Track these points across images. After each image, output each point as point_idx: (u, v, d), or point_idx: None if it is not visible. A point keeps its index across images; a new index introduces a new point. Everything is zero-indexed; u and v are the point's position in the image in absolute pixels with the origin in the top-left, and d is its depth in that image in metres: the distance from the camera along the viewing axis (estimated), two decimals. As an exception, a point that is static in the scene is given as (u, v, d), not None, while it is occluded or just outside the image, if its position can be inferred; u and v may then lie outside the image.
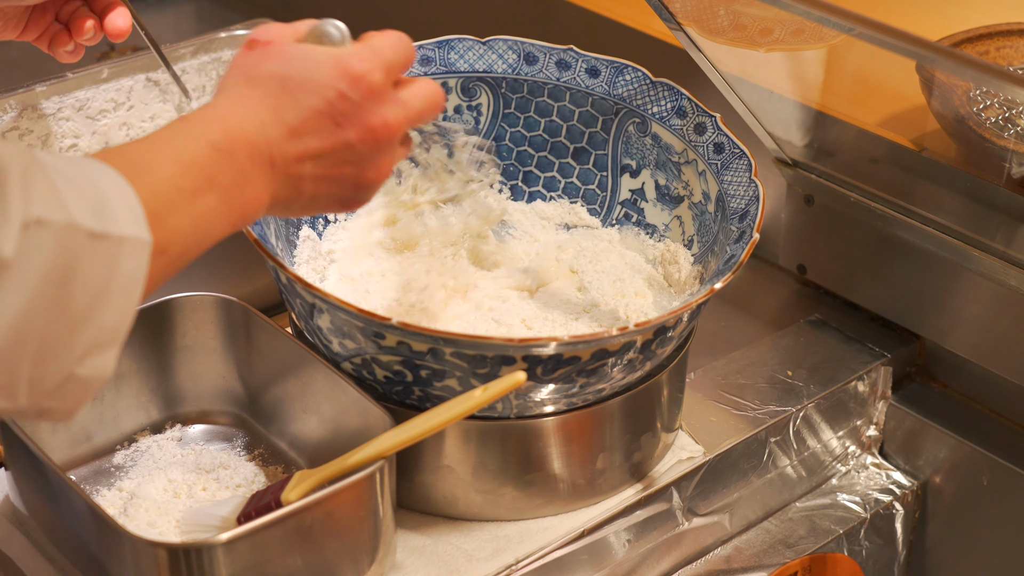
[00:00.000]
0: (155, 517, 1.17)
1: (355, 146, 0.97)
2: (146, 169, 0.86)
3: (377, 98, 0.97)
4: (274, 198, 0.95)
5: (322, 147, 0.96)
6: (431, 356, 1.10)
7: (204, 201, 0.89)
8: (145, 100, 1.55)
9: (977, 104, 1.32)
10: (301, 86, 0.95)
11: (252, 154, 0.92)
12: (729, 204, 1.23)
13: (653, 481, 1.25)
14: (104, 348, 0.83)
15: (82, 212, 0.80)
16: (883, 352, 1.41)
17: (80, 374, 0.82)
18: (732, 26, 1.30)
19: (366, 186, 1.00)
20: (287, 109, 0.94)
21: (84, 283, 0.80)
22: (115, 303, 0.82)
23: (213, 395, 1.28)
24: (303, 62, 0.96)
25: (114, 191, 0.83)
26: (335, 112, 0.95)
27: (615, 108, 1.34)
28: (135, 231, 0.83)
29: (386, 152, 0.99)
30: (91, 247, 0.80)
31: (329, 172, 0.97)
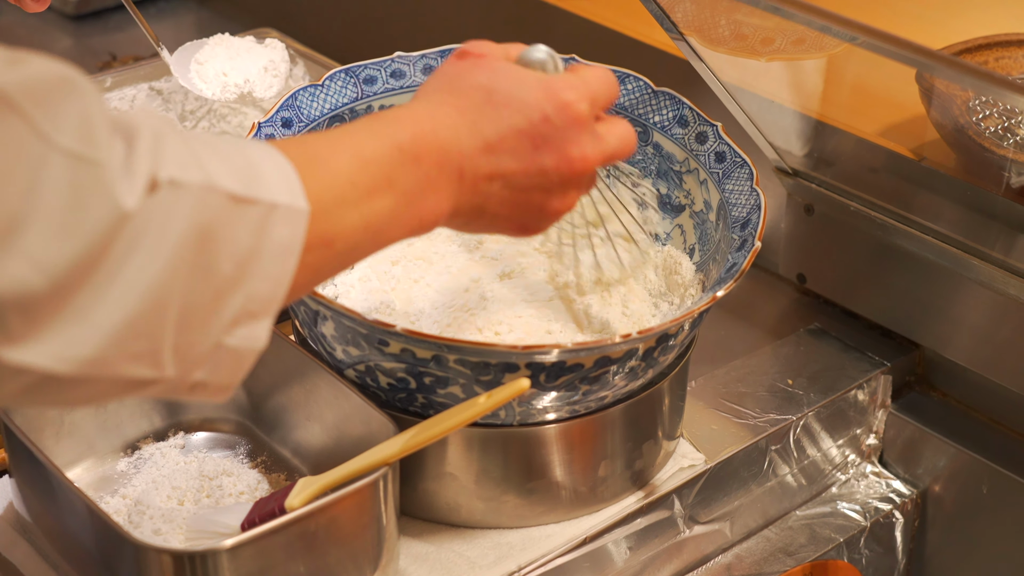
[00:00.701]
0: (160, 524, 1.17)
1: (548, 173, 0.96)
2: (320, 160, 0.85)
3: (579, 128, 0.96)
4: (456, 211, 0.93)
5: (516, 168, 0.94)
6: (434, 363, 1.11)
7: (379, 201, 0.87)
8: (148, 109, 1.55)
9: (976, 114, 1.33)
10: (507, 102, 0.94)
11: (441, 161, 0.91)
12: (731, 213, 1.23)
13: (654, 489, 1.25)
14: (256, 318, 0.80)
15: (223, 175, 0.77)
16: (883, 361, 1.42)
17: (230, 344, 0.79)
18: (733, 36, 1.31)
19: (549, 216, 0.99)
20: (487, 123, 0.93)
21: (229, 248, 0.77)
22: (266, 271, 0.79)
23: (216, 403, 1.29)
24: (513, 80, 0.95)
25: (266, 160, 0.81)
26: (536, 134, 0.94)
27: (617, 117, 1.35)
28: (288, 199, 0.80)
29: (576, 185, 0.98)
30: (234, 211, 0.77)
31: (517, 196, 0.96)
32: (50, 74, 0.71)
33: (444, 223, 0.94)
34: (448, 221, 0.95)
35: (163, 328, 0.76)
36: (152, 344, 0.76)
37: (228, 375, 0.81)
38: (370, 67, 1.34)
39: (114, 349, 0.74)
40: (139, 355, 0.76)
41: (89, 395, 0.78)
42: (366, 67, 1.34)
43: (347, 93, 1.33)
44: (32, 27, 2.07)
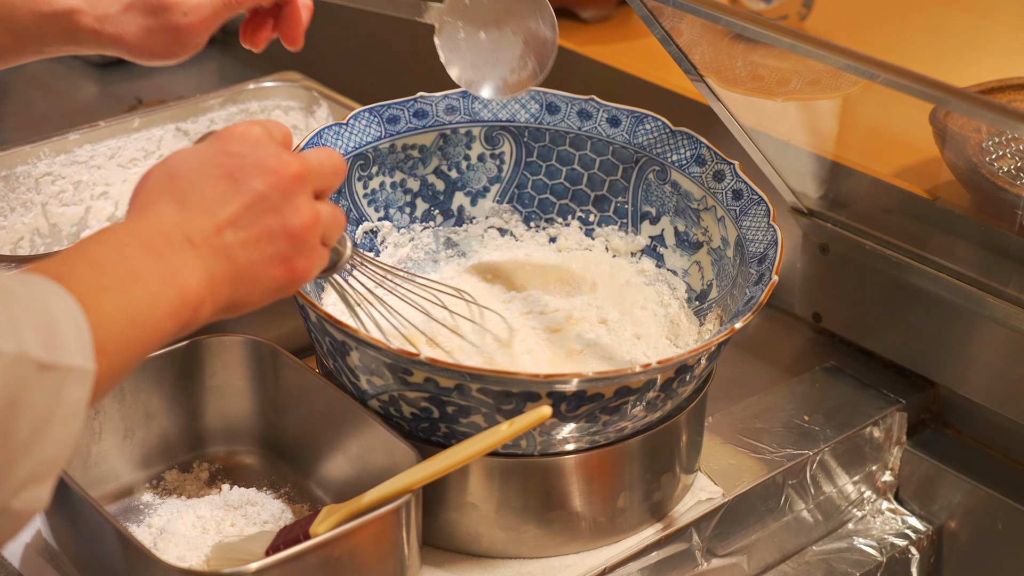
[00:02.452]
0: (185, 551, 1.19)
1: (265, 193, 0.96)
2: (64, 276, 0.85)
3: (264, 144, 0.98)
4: (211, 278, 0.93)
5: (233, 209, 0.95)
6: (457, 392, 1.13)
7: (132, 293, 0.88)
8: (175, 149, 1.58)
9: (990, 154, 1.35)
10: (189, 168, 0.96)
11: (167, 241, 0.92)
12: (748, 248, 1.25)
13: (673, 521, 1.27)
14: (41, 480, 0.81)
15: (34, 341, 0.79)
16: (898, 398, 1.44)
17: (14, 507, 0.80)
18: (750, 76, 1.34)
19: (297, 235, 0.97)
20: (184, 192, 0.94)
21: (28, 414, 0.79)
22: (56, 434, 0.81)
23: (240, 434, 1.31)
24: (185, 153, 0.98)
25: (66, 318, 0.82)
26: (230, 170, 0.95)
27: (635, 156, 1.37)
28: (81, 361, 0.81)
29: (299, 193, 0.98)
30: (38, 378, 0.79)
31: (252, 232, 0.95)
32: None
33: (210, 298, 0.94)
34: (213, 294, 0.94)
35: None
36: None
37: (6, 535, 0.82)
38: (393, 107, 1.37)
39: None
40: None
41: None
42: (389, 107, 1.37)
43: (371, 132, 1.35)
44: (59, 75, 2.11)
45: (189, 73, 2.13)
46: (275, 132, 1.00)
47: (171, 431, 1.29)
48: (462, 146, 1.40)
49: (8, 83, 2.10)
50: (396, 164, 1.38)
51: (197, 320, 0.93)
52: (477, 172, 1.41)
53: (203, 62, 2.16)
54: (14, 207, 1.49)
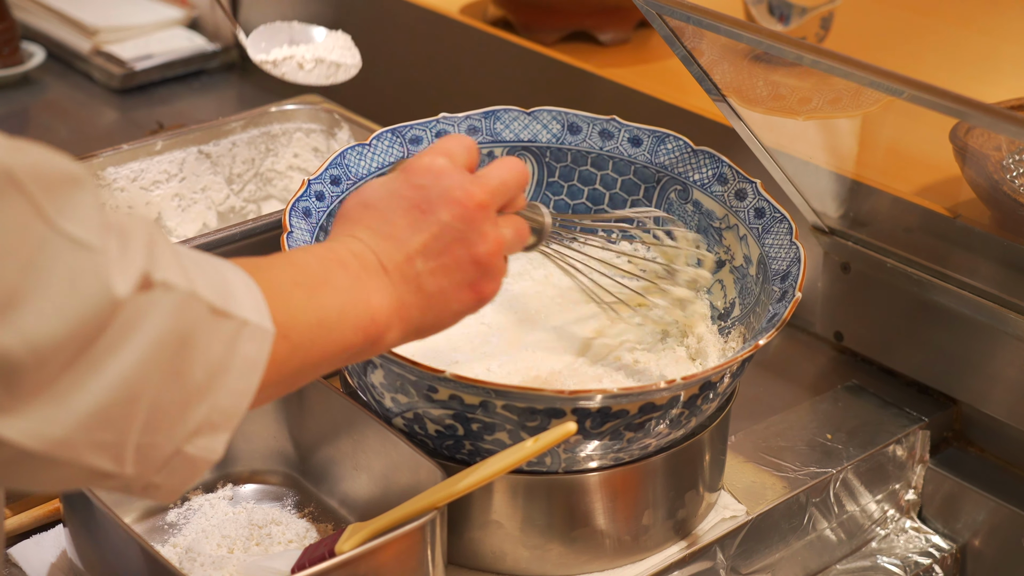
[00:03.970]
0: (210, 571, 1.19)
1: (451, 223, 0.99)
2: (262, 267, 0.89)
3: (448, 175, 1.01)
4: (402, 303, 0.97)
5: (423, 239, 0.99)
6: (482, 409, 1.13)
7: (325, 298, 0.91)
8: (197, 172, 1.59)
9: (1010, 171, 1.35)
10: (380, 199, 1.00)
11: (363, 265, 0.96)
12: (771, 266, 1.26)
13: (697, 539, 1.27)
14: (216, 430, 0.82)
15: (205, 287, 0.80)
16: (920, 416, 1.43)
17: (189, 452, 0.81)
18: (771, 96, 1.34)
19: (483, 261, 1.01)
20: (377, 222, 0.99)
21: (202, 356, 0.80)
22: (232, 384, 0.82)
23: (264, 455, 1.31)
24: (375, 184, 1.02)
25: (238, 280, 0.84)
26: (417, 203, 0.99)
27: (657, 176, 1.38)
28: (257, 318, 0.83)
29: (484, 221, 1.01)
30: (212, 321, 0.80)
31: (441, 261, 0.99)
32: (56, 163, 0.74)
33: (399, 322, 0.97)
34: (402, 319, 0.98)
35: (131, 424, 0.78)
36: (118, 437, 0.78)
37: (181, 482, 0.83)
38: (416, 127, 1.38)
39: (82, 435, 0.76)
40: (104, 446, 0.77)
41: (55, 480, 0.79)
42: (412, 127, 1.37)
43: (393, 152, 1.36)
44: (79, 101, 2.12)
45: (208, 99, 2.14)
46: (458, 155, 1.03)
47: (195, 451, 1.29)
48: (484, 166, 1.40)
49: (28, 110, 2.11)
50: (418, 185, 1.38)
51: (384, 341, 0.97)
52: (499, 192, 1.42)
53: (222, 88, 2.18)
54: (38, 230, 1.49)
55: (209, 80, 2.19)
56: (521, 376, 1.28)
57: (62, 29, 2.18)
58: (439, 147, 1.03)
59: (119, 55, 2.12)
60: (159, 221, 1.58)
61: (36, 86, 2.15)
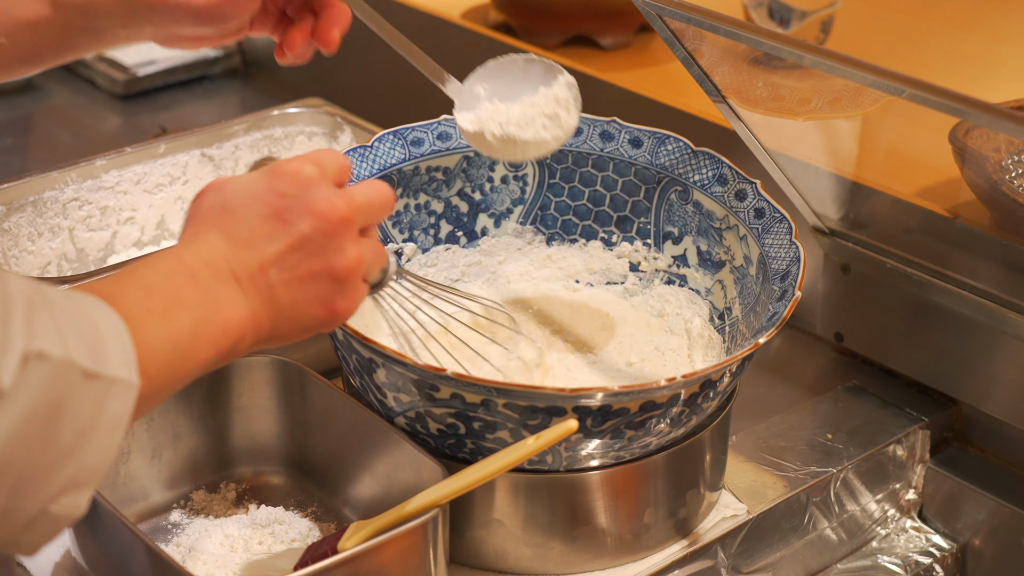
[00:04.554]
0: (213, 569, 1.19)
1: (310, 236, 0.97)
2: (113, 297, 0.87)
3: (315, 186, 0.99)
4: (253, 314, 0.95)
5: (279, 249, 0.96)
6: (483, 408, 1.14)
7: (176, 320, 0.90)
8: (200, 175, 1.60)
9: (1009, 172, 1.36)
10: (240, 202, 0.97)
11: (214, 273, 0.94)
12: (771, 266, 1.26)
13: (698, 538, 1.27)
14: (81, 487, 0.83)
15: (80, 350, 0.81)
16: (921, 416, 1.44)
17: (53, 511, 0.82)
18: (771, 96, 1.35)
19: (341, 278, 0.99)
20: (233, 226, 0.96)
21: (72, 420, 0.81)
22: (98, 442, 0.83)
23: (267, 454, 1.32)
24: (238, 184, 0.99)
25: (110, 332, 0.84)
26: (279, 211, 0.97)
27: (657, 177, 1.38)
28: (125, 373, 0.84)
29: (345, 237, 0.99)
30: (83, 385, 0.81)
31: (296, 272, 0.97)
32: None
33: (251, 333, 0.96)
34: (254, 329, 0.96)
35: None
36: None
37: (42, 539, 0.83)
38: (417, 129, 1.38)
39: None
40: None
41: None
42: (413, 129, 1.38)
43: (395, 154, 1.37)
44: (82, 107, 2.13)
45: (211, 104, 2.15)
46: (329, 167, 1.01)
47: (199, 451, 1.30)
48: (485, 168, 1.41)
49: (32, 116, 2.12)
50: (420, 186, 1.39)
51: (236, 352, 0.96)
52: (500, 194, 1.43)
53: (225, 94, 2.19)
54: (42, 232, 1.50)
55: (211, 86, 2.20)
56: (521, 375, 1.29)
57: (65, 35, 2.18)
58: (310, 156, 1.01)
59: (122, 61, 2.13)
60: (162, 224, 1.59)
61: (39, 92, 2.16)
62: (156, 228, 1.58)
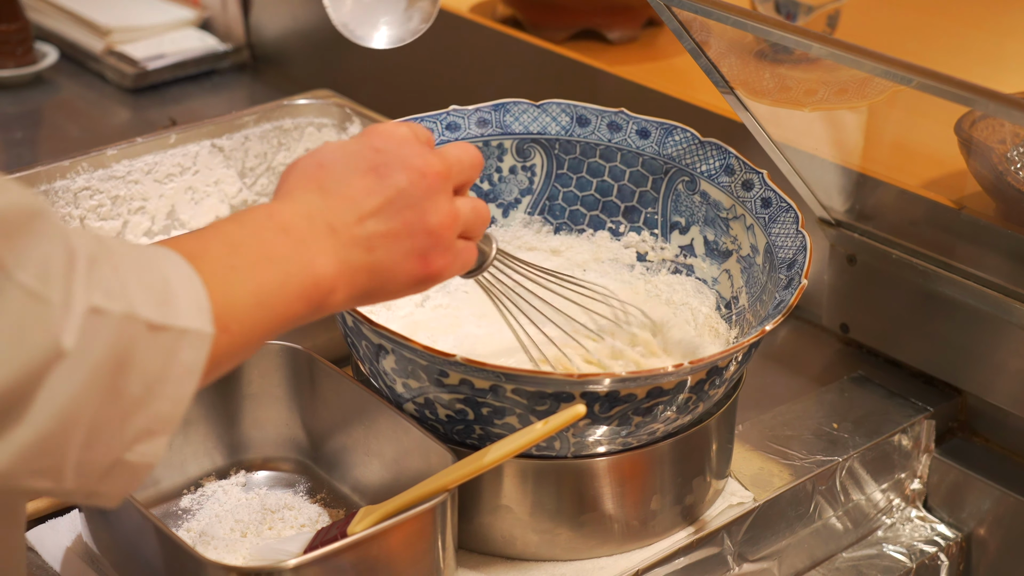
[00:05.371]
0: (224, 554, 1.20)
1: (406, 189, 0.99)
2: (195, 253, 0.88)
3: (410, 143, 1.02)
4: (348, 266, 0.96)
5: (377, 202, 0.98)
6: (492, 393, 1.14)
7: (262, 275, 0.91)
8: (210, 165, 1.61)
9: (1015, 163, 1.37)
10: (336, 159, 1.00)
11: (309, 224, 0.95)
12: (777, 255, 1.27)
13: (705, 525, 1.28)
14: (155, 435, 0.83)
15: (144, 302, 0.81)
16: (926, 406, 1.45)
17: (129, 459, 0.83)
18: (778, 87, 1.36)
19: (435, 232, 1.01)
20: (330, 182, 0.98)
21: (140, 372, 0.81)
22: (170, 392, 0.83)
23: (277, 442, 1.33)
24: (333, 146, 1.01)
25: (181, 281, 0.84)
26: (376, 166, 0.99)
27: (665, 167, 1.39)
28: (198, 323, 0.84)
29: (440, 192, 1.01)
30: (149, 338, 0.81)
31: (393, 225, 0.99)
32: (24, 208, 0.75)
33: (345, 286, 0.97)
34: (349, 283, 0.97)
35: (69, 447, 0.79)
36: (57, 461, 0.79)
37: (123, 487, 0.84)
38: (426, 120, 1.39)
39: (22, 466, 0.78)
40: (43, 471, 0.79)
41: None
42: (422, 120, 1.39)
43: (404, 144, 1.38)
44: (92, 101, 2.14)
45: (220, 98, 2.16)
46: (420, 131, 1.04)
47: (209, 438, 1.31)
48: (494, 158, 1.42)
49: (41, 110, 2.13)
50: (429, 176, 1.40)
51: (329, 304, 0.96)
52: (509, 184, 1.44)
53: (234, 88, 2.20)
54: (53, 222, 1.51)
55: (220, 80, 2.21)
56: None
57: (75, 29, 2.20)
58: (402, 120, 1.05)
59: (131, 55, 2.14)
60: (172, 214, 1.60)
61: (49, 86, 2.17)
62: (167, 218, 1.60)
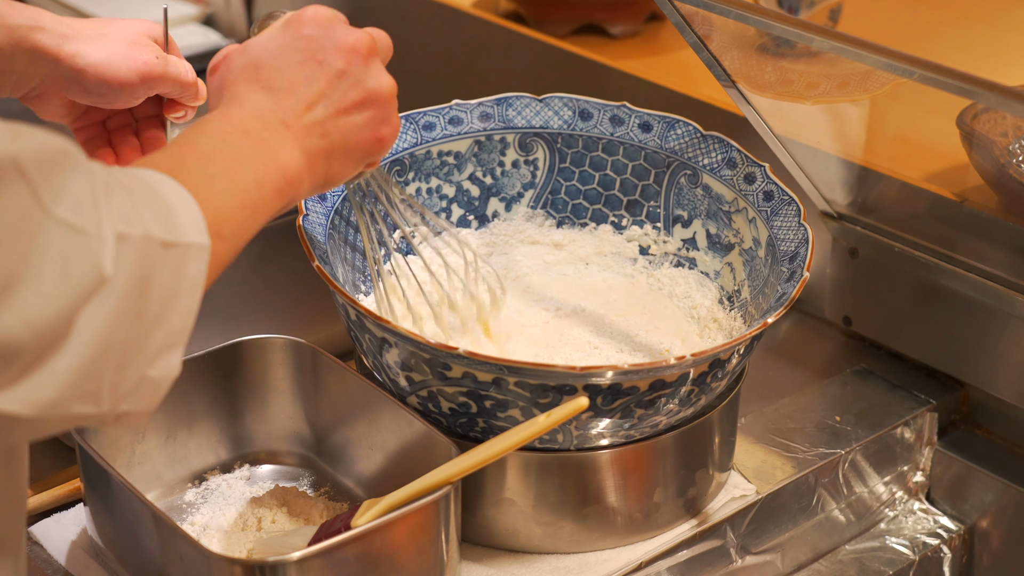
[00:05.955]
0: (228, 547, 1.21)
1: (346, 69, 1.03)
2: (173, 169, 0.90)
3: (338, 25, 1.05)
4: (308, 155, 1.00)
5: (320, 88, 1.02)
6: (495, 386, 1.15)
7: (239, 178, 0.94)
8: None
9: (1017, 156, 1.37)
10: (271, 55, 1.03)
11: (264, 125, 0.99)
12: (779, 248, 1.27)
13: (707, 517, 1.28)
14: (171, 348, 0.86)
15: (155, 222, 0.84)
16: (928, 399, 1.45)
17: (152, 375, 0.86)
18: (780, 80, 1.36)
19: (382, 101, 1.06)
20: (271, 78, 1.02)
21: (157, 289, 0.84)
22: (181, 305, 0.86)
23: (281, 436, 1.33)
24: (262, 40, 1.05)
25: (177, 200, 0.87)
26: (311, 53, 1.03)
27: (667, 161, 1.40)
28: (198, 237, 0.87)
29: (376, 66, 1.06)
30: (163, 256, 0.84)
31: (341, 106, 1.03)
32: (53, 147, 0.78)
33: (308, 175, 1.01)
34: (311, 170, 1.01)
35: (106, 369, 0.82)
36: (97, 384, 0.82)
37: (148, 403, 0.87)
38: (429, 114, 1.40)
39: (69, 391, 0.80)
40: (87, 395, 0.82)
41: (37, 433, 0.85)
42: (425, 114, 1.40)
43: (407, 138, 1.38)
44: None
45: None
46: (337, 12, 1.07)
47: (213, 432, 1.31)
48: (496, 152, 1.43)
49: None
50: (432, 170, 1.41)
51: (299, 195, 1.01)
52: (511, 178, 1.44)
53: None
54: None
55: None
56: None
57: (79, 25, 2.19)
58: (316, 4, 1.08)
59: (135, 52, 2.14)
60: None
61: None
62: (170, 213, 1.59)
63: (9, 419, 0.79)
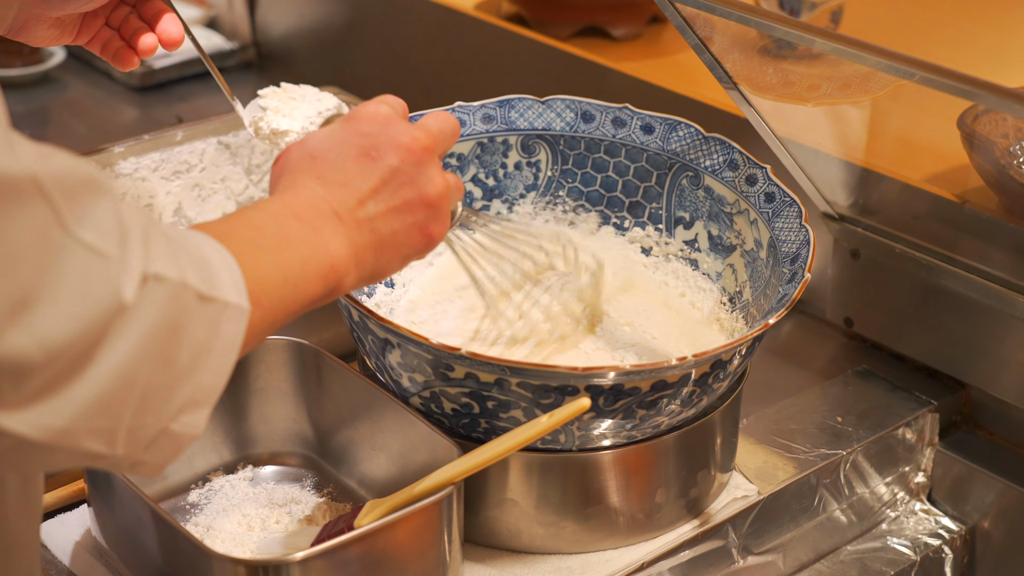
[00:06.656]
0: (231, 547, 1.21)
1: (399, 168, 1.03)
2: (223, 235, 0.91)
3: (395, 123, 1.05)
4: (356, 249, 1.00)
5: (373, 184, 1.02)
6: (497, 387, 1.15)
7: (286, 256, 0.95)
8: (217, 163, 1.62)
9: (1017, 157, 1.37)
10: (328, 149, 1.04)
11: (317, 213, 0.99)
12: (781, 249, 1.28)
13: (709, 518, 1.29)
14: (199, 406, 0.86)
15: (193, 274, 0.84)
16: (930, 400, 1.45)
17: (174, 429, 0.85)
18: (782, 82, 1.36)
19: (433, 203, 1.05)
20: (326, 172, 1.02)
21: (189, 340, 0.84)
22: (213, 363, 0.86)
23: (284, 437, 1.33)
24: (320, 135, 1.05)
25: (218, 260, 0.88)
26: (367, 149, 1.03)
27: (669, 163, 1.40)
28: (237, 299, 0.87)
29: (430, 165, 1.06)
30: (199, 307, 0.84)
31: (392, 204, 1.03)
32: (80, 170, 0.78)
33: (355, 268, 1.01)
34: (358, 264, 1.01)
35: (125, 409, 0.81)
36: (112, 423, 0.81)
37: (166, 457, 0.87)
38: (432, 116, 1.40)
39: (82, 423, 0.80)
40: (99, 432, 0.81)
41: (48, 463, 0.85)
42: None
43: (410, 140, 1.38)
44: (99, 99, 2.15)
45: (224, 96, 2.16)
46: (398, 106, 1.08)
47: (216, 433, 1.32)
48: (499, 154, 1.43)
49: (48, 109, 2.14)
50: (434, 172, 1.41)
51: (343, 287, 1.01)
52: (514, 180, 1.44)
53: (240, 85, 2.20)
54: (60, 219, 1.52)
55: (227, 78, 2.19)
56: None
57: (82, 28, 2.20)
58: (380, 99, 1.08)
59: (139, 53, 2.15)
60: (180, 211, 1.61)
61: (56, 84, 2.17)
62: (174, 215, 1.60)
63: (19, 441, 0.78)
